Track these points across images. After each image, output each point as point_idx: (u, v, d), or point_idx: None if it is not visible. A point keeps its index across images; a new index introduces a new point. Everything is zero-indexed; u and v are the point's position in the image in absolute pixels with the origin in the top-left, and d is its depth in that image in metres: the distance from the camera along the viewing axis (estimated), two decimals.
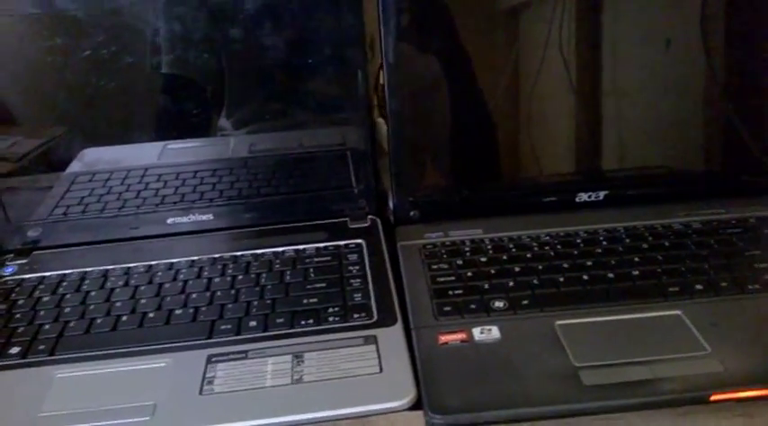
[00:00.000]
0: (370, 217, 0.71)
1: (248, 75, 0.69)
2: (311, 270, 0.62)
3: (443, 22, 0.66)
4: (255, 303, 0.58)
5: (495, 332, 0.53)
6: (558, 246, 0.63)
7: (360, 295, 0.58)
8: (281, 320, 0.56)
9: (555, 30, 0.66)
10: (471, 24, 0.67)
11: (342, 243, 0.67)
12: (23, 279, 0.65)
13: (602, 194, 0.70)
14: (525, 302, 0.56)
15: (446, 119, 0.70)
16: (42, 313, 0.59)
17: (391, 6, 0.63)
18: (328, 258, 0.64)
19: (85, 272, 0.65)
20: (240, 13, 0.64)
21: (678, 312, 0.54)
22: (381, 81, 0.78)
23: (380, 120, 0.86)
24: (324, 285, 0.60)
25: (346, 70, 0.67)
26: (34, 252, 0.69)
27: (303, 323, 0.55)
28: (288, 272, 0.62)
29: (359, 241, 0.67)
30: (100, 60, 0.65)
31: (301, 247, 0.66)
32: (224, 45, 0.66)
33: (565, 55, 0.67)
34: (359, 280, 0.60)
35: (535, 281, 0.58)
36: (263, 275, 0.62)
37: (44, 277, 0.65)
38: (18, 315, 0.60)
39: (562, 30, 0.66)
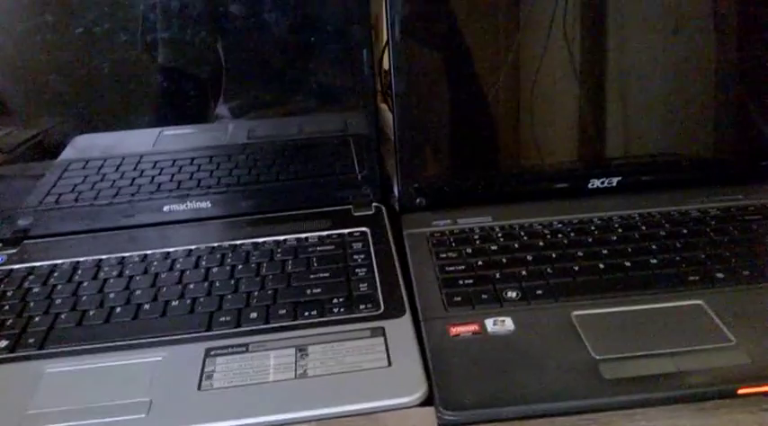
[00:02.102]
0: (374, 204, 0.69)
1: (248, 57, 0.66)
2: (314, 259, 0.60)
3: (450, 4, 0.63)
4: (256, 293, 0.56)
5: (508, 324, 0.50)
6: (572, 234, 0.61)
7: (365, 285, 0.56)
8: (283, 311, 0.53)
9: (559, 14, 0.63)
10: (476, 8, 0.64)
11: (346, 231, 0.64)
12: (12, 270, 0.62)
13: (615, 180, 0.68)
14: (539, 292, 0.54)
15: (452, 103, 0.67)
16: (32, 304, 0.57)
17: None
18: (332, 247, 0.61)
19: (78, 262, 0.62)
20: None
21: (699, 301, 0.52)
22: (385, 65, 0.75)
23: (383, 106, 0.84)
24: (327, 275, 0.57)
25: (351, 50, 0.64)
26: (24, 242, 0.67)
27: (306, 314, 0.53)
28: (290, 262, 0.59)
29: (363, 229, 0.64)
30: (92, 40, 0.62)
31: (303, 236, 0.63)
32: (222, 25, 0.63)
33: (569, 40, 0.64)
34: (364, 270, 0.58)
35: (549, 270, 0.56)
36: (264, 265, 0.59)
37: (34, 267, 0.62)
38: (6, 307, 0.57)
39: (566, 15, 0.63)
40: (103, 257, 0.62)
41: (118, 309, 0.55)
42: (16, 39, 0.62)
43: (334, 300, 0.54)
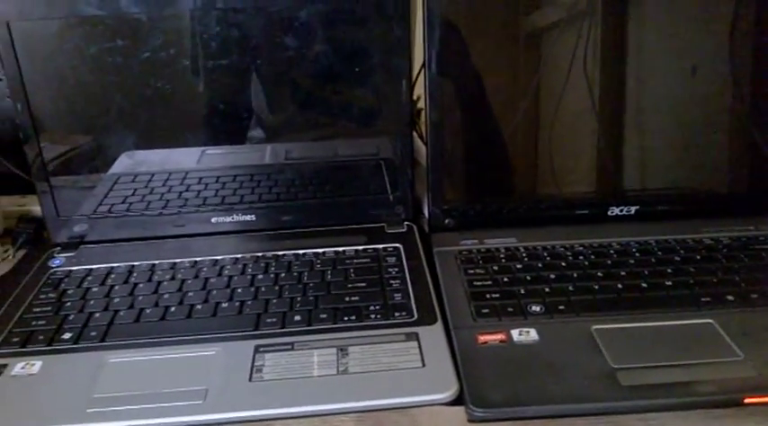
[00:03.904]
0: (406, 223, 0.73)
1: (289, 85, 0.71)
2: (351, 270, 0.64)
3: (479, 42, 0.69)
4: (299, 299, 0.60)
5: (533, 334, 0.54)
6: (592, 256, 0.65)
7: (399, 295, 0.60)
8: (324, 316, 0.58)
9: (580, 52, 0.68)
10: (503, 44, 0.70)
11: (380, 246, 0.69)
12: (72, 271, 0.67)
13: (633, 209, 0.72)
14: (561, 307, 0.58)
15: (480, 132, 0.72)
16: (92, 302, 0.62)
17: (436, 18, 0.65)
18: (368, 260, 0.66)
19: (133, 266, 0.67)
20: (294, 22, 0.67)
21: (710, 320, 0.56)
22: (415, 96, 0.80)
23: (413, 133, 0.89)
24: (364, 284, 0.62)
25: (390, 80, 0.69)
26: (81, 246, 0.72)
27: (346, 319, 0.57)
28: (329, 272, 0.64)
29: (397, 245, 0.69)
30: (156, 64, 0.68)
31: (341, 249, 0.68)
32: (269, 53, 0.69)
33: (589, 76, 0.69)
34: (398, 281, 0.62)
35: (570, 288, 0.60)
36: (305, 274, 0.64)
37: (92, 269, 0.67)
38: (68, 304, 0.62)
39: (587, 52, 0.68)
40: (157, 262, 0.67)
41: (172, 308, 0.60)
42: (88, 61, 0.67)
43: (371, 307, 0.59)
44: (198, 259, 0.67)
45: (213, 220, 0.73)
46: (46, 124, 0.69)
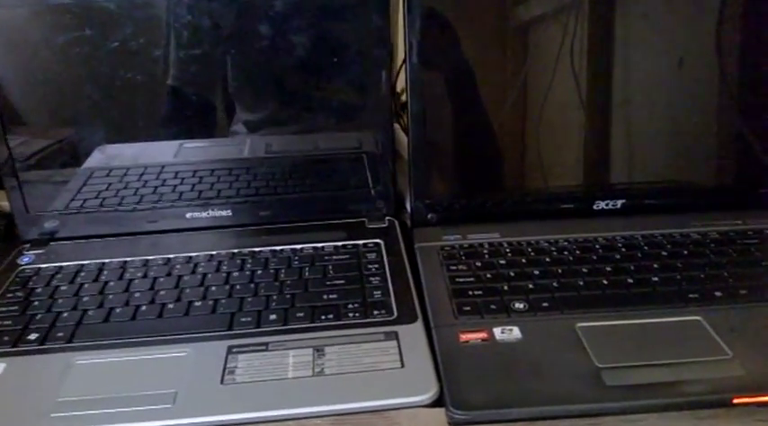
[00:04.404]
0: (387, 218, 0.72)
1: (267, 76, 0.69)
2: (330, 267, 0.62)
3: (463, 32, 0.67)
4: (275, 297, 0.58)
5: (516, 333, 0.53)
6: (577, 251, 0.64)
7: (379, 292, 0.59)
8: (300, 314, 0.56)
9: (567, 44, 0.66)
10: (488, 35, 0.68)
11: (360, 242, 0.67)
12: (41, 269, 0.65)
13: (619, 203, 0.71)
14: (545, 304, 0.56)
15: (463, 125, 0.70)
16: (60, 301, 0.59)
17: (417, 8, 0.63)
18: (347, 256, 0.64)
19: (103, 263, 0.65)
20: (268, 11, 0.64)
21: (698, 317, 0.54)
22: (400, 88, 0.79)
23: (396, 125, 0.87)
24: (343, 282, 0.60)
25: (370, 71, 0.67)
26: (51, 243, 0.69)
27: (323, 317, 0.55)
28: (307, 269, 0.62)
29: (377, 240, 0.67)
30: (126, 54, 0.65)
31: (320, 245, 0.66)
32: (246, 44, 0.66)
33: (576, 69, 0.67)
34: (378, 278, 0.61)
35: (555, 284, 0.59)
36: (282, 271, 0.62)
37: (62, 266, 0.65)
38: (36, 303, 0.60)
39: (574, 45, 0.66)
40: (128, 259, 0.65)
41: (143, 307, 0.58)
42: (56, 51, 0.65)
43: (350, 305, 0.57)
44: (171, 256, 0.65)
45: (188, 216, 0.71)
46: (14, 117, 0.67)
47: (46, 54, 0.65)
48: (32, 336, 0.55)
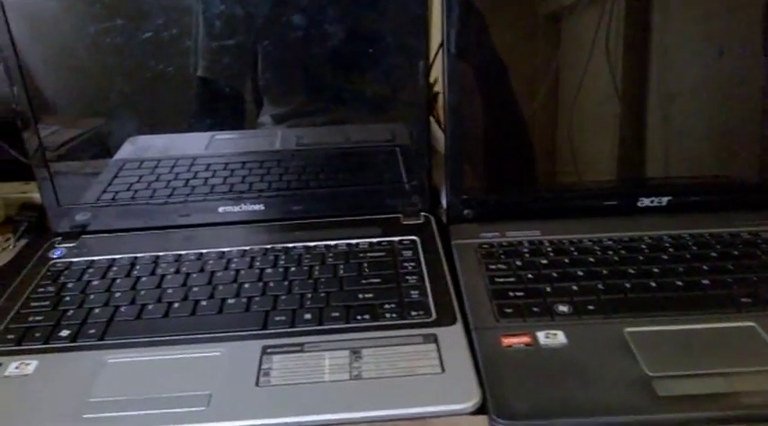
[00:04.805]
0: (423, 214, 0.69)
1: (300, 66, 0.67)
2: (365, 264, 0.61)
3: (502, 22, 0.64)
4: (309, 295, 0.57)
5: (560, 337, 0.51)
6: (622, 251, 0.61)
7: (416, 292, 0.57)
8: (335, 314, 0.54)
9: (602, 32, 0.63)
10: (525, 26, 0.65)
11: (396, 239, 0.65)
12: (72, 263, 0.64)
13: (665, 200, 0.68)
14: (591, 307, 0.54)
15: (502, 117, 0.68)
16: (92, 297, 0.58)
17: None
18: (382, 253, 0.62)
19: (135, 258, 0.64)
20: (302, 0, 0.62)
21: (752, 323, 0.52)
22: (432, 79, 0.76)
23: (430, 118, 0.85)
24: (379, 280, 0.58)
25: (407, 62, 0.65)
26: (83, 236, 0.69)
27: (359, 318, 0.54)
28: (341, 266, 0.61)
29: (413, 237, 0.65)
30: (159, 45, 0.64)
31: (354, 241, 0.64)
32: (279, 34, 0.65)
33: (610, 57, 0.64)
34: (415, 277, 0.59)
35: (600, 286, 0.56)
36: (316, 268, 0.60)
37: (93, 261, 0.64)
38: (67, 298, 0.59)
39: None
40: (160, 254, 0.64)
41: (176, 304, 0.56)
42: (88, 41, 0.64)
43: (386, 305, 0.55)
44: (204, 251, 0.64)
45: (220, 210, 0.69)
46: (45, 108, 0.66)
47: (77, 43, 0.64)
48: (64, 333, 0.54)
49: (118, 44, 0.64)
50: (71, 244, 0.67)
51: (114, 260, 0.64)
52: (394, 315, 0.54)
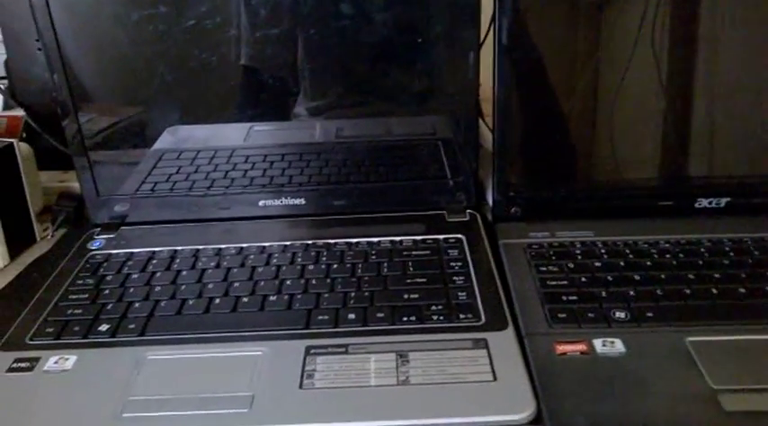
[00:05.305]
0: (468, 211, 0.67)
1: (344, 56, 0.65)
2: (410, 263, 0.59)
3: (553, 16, 0.62)
4: (353, 294, 0.55)
5: (618, 345, 0.48)
6: (681, 255, 0.58)
7: (464, 294, 0.54)
8: (380, 314, 0.52)
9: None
10: (568, 11, 0.62)
11: (441, 237, 0.63)
12: (111, 255, 0.63)
13: (723, 201, 0.64)
14: (649, 314, 0.51)
15: (551, 113, 0.65)
16: (132, 290, 0.57)
17: None
18: (427, 252, 0.60)
19: (175, 251, 0.62)
20: None
21: None
22: None
23: None
24: (425, 280, 0.56)
25: (457, 53, 0.63)
26: (122, 228, 0.68)
27: (404, 319, 0.52)
28: (385, 264, 0.59)
29: (459, 236, 0.63)
30: (201, 33, 0.62)
31: (398, 238, 0.62)
32: (325, 23, 0.63)
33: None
34: (462, 278, 0.56)
35: (659, 292, 0.53)
36: (359, 265, 0.59)
37: (132, 253, 0.63)
38: (107, 292, 0.58)
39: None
40: (200, 247, 0.62)
41: (217, 300, 0.55)
42: (129, 29, 0.62)
43: (433, 307, 0.53)
44: (244, 245, 0.62)
45: (261, 203, 0.68)
46: (85, 96, 0.65)
47: (119, 31, 0.63)
48: (103, 327, 0.53)
49: (160, 32, 0.62)
50: (110, 236, 0.66)
51: (154, 252, 0.62)
52: (441, 318, 0.52)
